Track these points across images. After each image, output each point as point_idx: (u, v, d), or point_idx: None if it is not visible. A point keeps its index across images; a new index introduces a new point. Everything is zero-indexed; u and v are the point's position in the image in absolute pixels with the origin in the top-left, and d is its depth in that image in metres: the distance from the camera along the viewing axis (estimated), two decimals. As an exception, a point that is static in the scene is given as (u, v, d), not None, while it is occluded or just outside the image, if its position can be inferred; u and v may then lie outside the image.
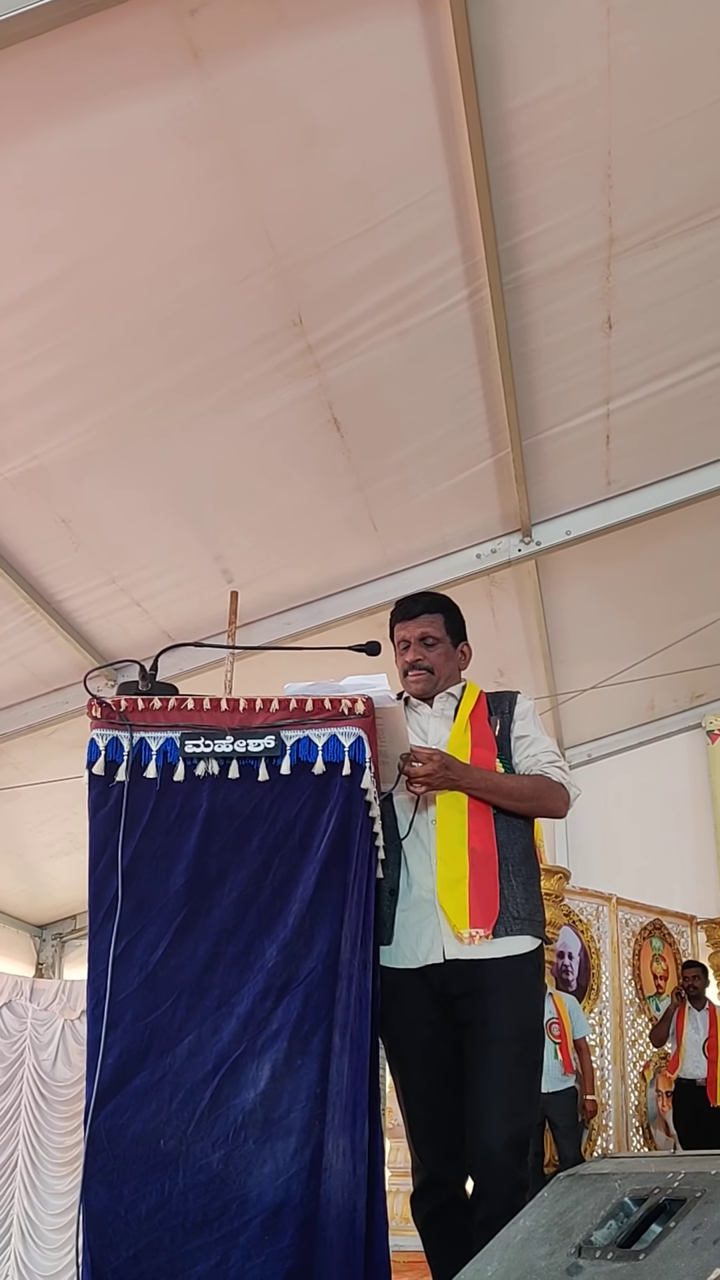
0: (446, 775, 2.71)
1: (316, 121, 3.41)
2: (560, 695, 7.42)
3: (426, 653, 2.96)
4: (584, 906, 7.68)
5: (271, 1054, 2.27)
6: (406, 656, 2.98)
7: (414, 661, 2.96)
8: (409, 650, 2.98)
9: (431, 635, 2.98)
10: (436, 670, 2.96)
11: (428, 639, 2.97)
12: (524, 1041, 2.65)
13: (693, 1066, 7.18)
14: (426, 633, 2.98)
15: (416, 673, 2.95)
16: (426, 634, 2.98)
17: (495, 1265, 1.81)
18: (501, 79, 3.42)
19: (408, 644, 2.98)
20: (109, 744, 2.48)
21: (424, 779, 2.70)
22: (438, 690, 2.97)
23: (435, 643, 2.98)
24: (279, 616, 5.75)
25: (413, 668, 2.96)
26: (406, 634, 2.99)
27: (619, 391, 4.91)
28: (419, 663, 2.95)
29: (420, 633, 2.98)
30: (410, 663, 2.96)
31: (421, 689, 2.96)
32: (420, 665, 2.95)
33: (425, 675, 2.95)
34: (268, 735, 2.45)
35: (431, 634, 2.98)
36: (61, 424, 4.27)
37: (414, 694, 2.98)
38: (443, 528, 5.55)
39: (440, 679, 2.97)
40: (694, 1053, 7.21)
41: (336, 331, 4.13)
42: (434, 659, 2.96)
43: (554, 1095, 6.32)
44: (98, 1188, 2.25)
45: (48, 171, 3.36)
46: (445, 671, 2.98)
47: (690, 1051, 7.22)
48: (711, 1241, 1.52)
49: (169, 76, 3.18)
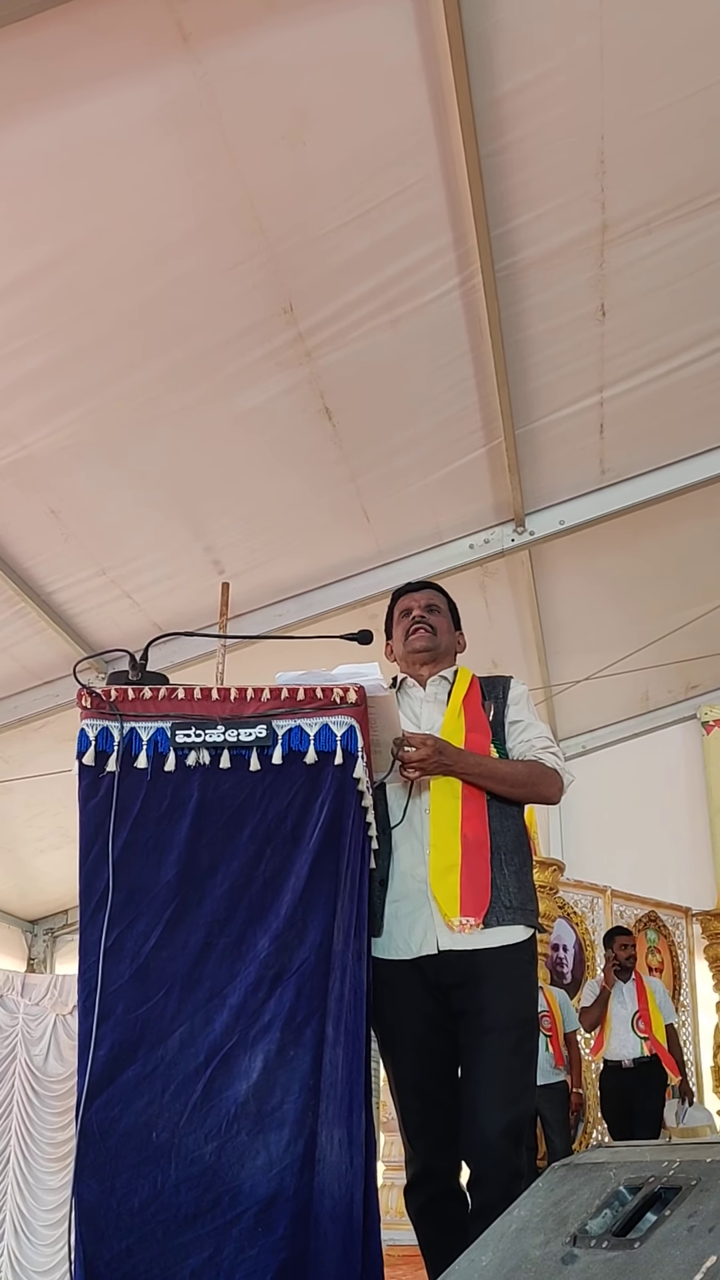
0: (440, 760, 2.70)
1: (307, 106, 3.39)
2: (554, 686, 7.41)
3: (430, 615, 3.03)
4: (579, 899, 7.68)
5: (264, 1045, 2.25)
6: (411, 615, 3.02)
7: (419, 618, 3.00)
8: (413, 613, 3.02)
9: (436, 605, 3.07)
10: (439, 632, 3.00)
11: (432, 606, 3.06)
12: (519, 1030, 2.64)
13: (619, 1046, 6.47)
14: (431, 602, 3.07)
15: (419, 627, 2.97)
16: (431, 603, 3.07)
17: (490, 1255, 1.79)
18: (493, 63, 3.40)
19: (410, 610, 3.04)
20: (99, 734, 2.46)
21: (418, 764, 2.68)
22: (437, 661, 2.97)
23: (439, 611, 3.06)
24: (271, 608, 5.74)
25: (417, 623, 2.99)
26: (411, 603, 3.06)
27: (612, 379, 4.89)
28: (424, 619, 3.00)
29: (426, 601, 3.06)
30: (416, 619, 3.00)
31: (425, 643, 2.97)
32: (424, 621, 3.00)
33: (428, 631, 2.99)
34: (259, 725, 2.43)
35: (436, 604, 3.07)
36: (51, 414, 4.25)
37: (417, 647, 2.97)
38: (435, 518, 5.54)
39: (441, 643, 2.99)
40: (620, 1030, 6.49)
41: (327, 319, 4.11)
42: (437, 621, 3.03)
43: (545, 1089, 6.30)
44: (90, 1181, 2.24)
45: (34, 158, 3.33)
46: (446, 642, 3.02)
47: (616, 1029, 6.50)
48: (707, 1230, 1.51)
49: (158, 60, 3.15)
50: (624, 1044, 6.45)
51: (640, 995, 6.54)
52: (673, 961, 8.00)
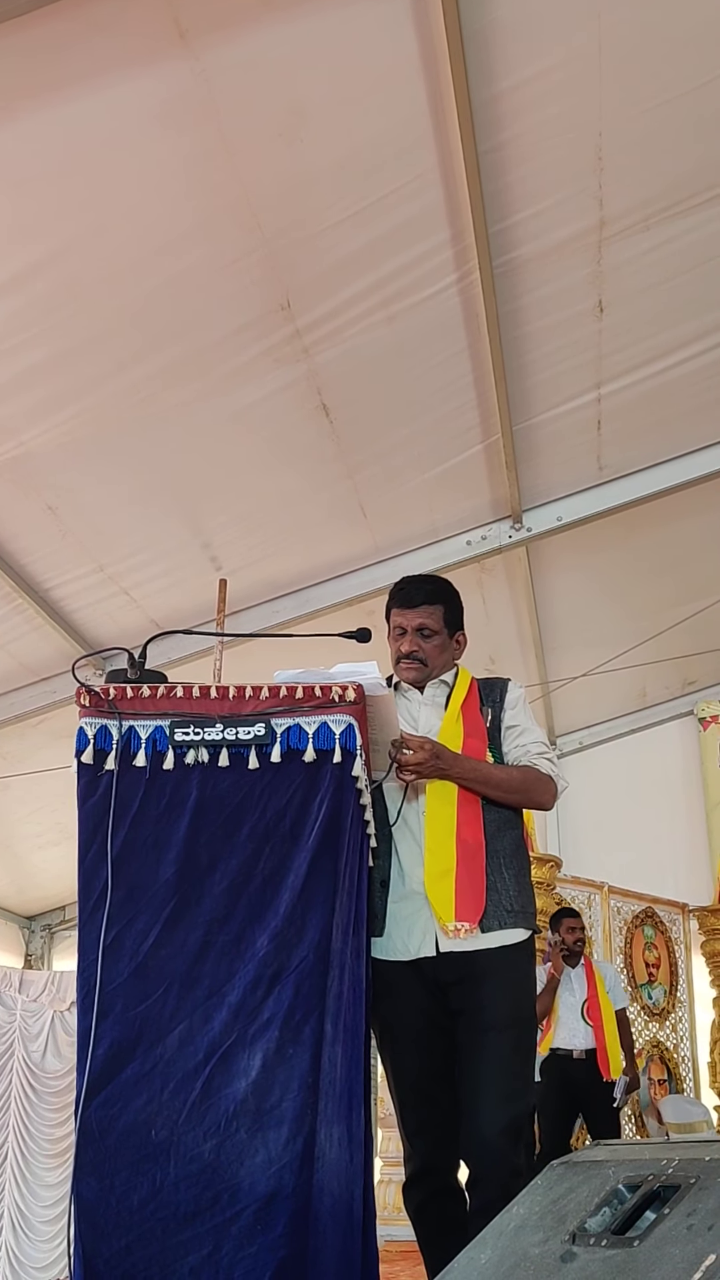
0: (436, 764, 2.70)
1: (304, 103, 3.38)
2: (551, 683, 7.41)
3: (422, 644, 2.93)
4: (576, 895, 7.68)
5: (263, 1043, 2.26)
6: (401, 645, 2.95)
7: (408, 652, 2.93)
8: (404, 638, 2.95)
9: (429, 628, 2.94)
10: (430, 662, 2.94)
11: (424, 630, 2.94)
12: (518, 1028, 2.65)
13: (568, 1035, 6.11)
14: (424, 624, 2.94)
15: (409, 663, 2.93)
16: (424, 625, 2.94)
17: (489, 1253, 1.80)
18: (491, 60, 3.39)
19: (404, 631, 2.96)
20: (98, 732, 2.46)
21: (414, 767, 2.68)
22: (429, 679, 2.96)
23: (432, 635, 2.94)
24: (268, 604, 5.73)
25: (406, 658, 2.93)
26: (404, 622, 2.96)
27: (610, 376, 4.89)
28: (413, 654, 2.93)
29: (418, 623, 2.94)
30: (405, 653, 2.94)
31: (413, 679, 2.94)
32: (414, 656, 2.92)
33: (418, 666, 2.93)
34: (258, 723, 2.43)
35: (429, 626, 2.94)
36: (48, 410, 4.24)
37: (405, 681, 2.96)
38: (433, 514, 5.53)
39: (433, 669, 2.95)
40: (569, 1019, 6.14)
41: (325, 316, 4.10)
42: (428, 650, 2.93)
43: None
44: (89, 1179, 2.24)
45: (31, 154, 3.32)
46: (439, 663, 2.96)
47: (565, 1017, 6.14)
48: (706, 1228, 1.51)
49: (155, 57, 3.14)
50: (574, 1033, 6.11)
51: (590, 981, 6.25)
52: (670, 957, 8.01)
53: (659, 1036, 7.65)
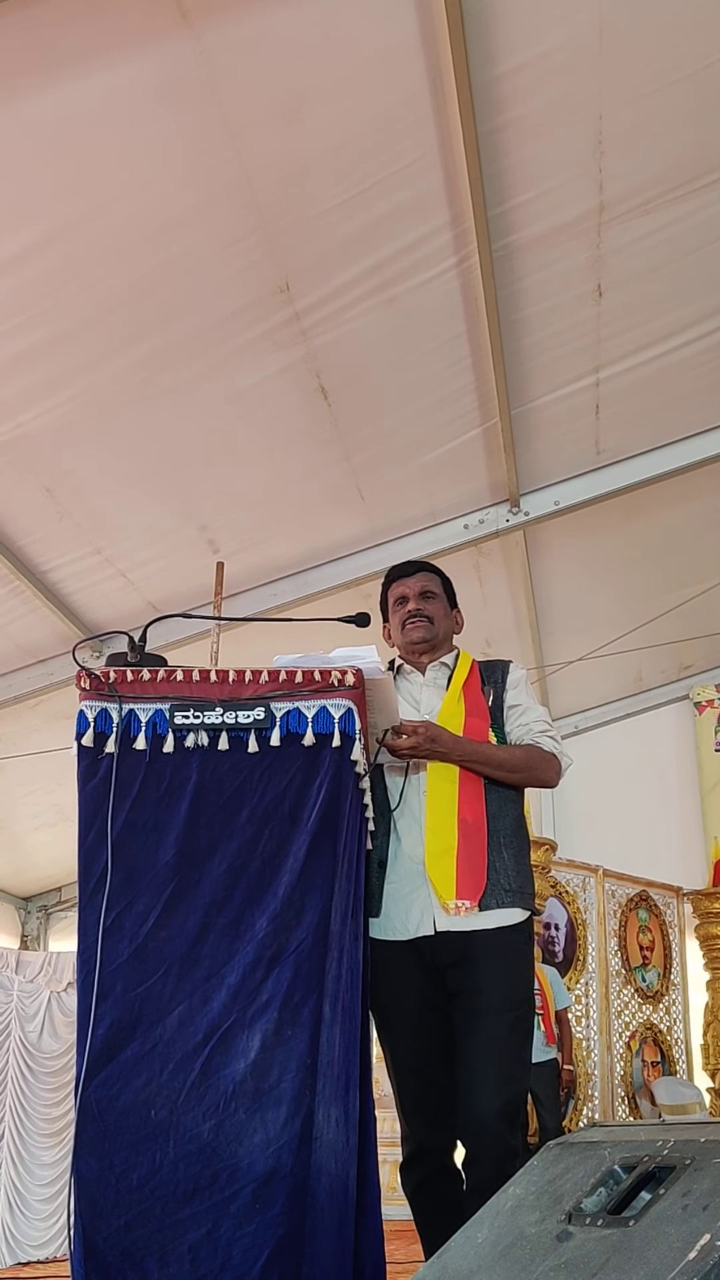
0: (433, 748, 2.71)
1: (304, 84, 3.36)
2: (548, 666, 7.42)
3: (426, 604, 3.01)
4: (571, 878, 7.72)
5: (262, 1024, 2.27)
6: (407, 607, 3.01)
7: (415, 610, 2.99)
8: (408, 603, 3.01)
9: (430, 590, 3.04)
10: (436, 621, 2.99)
11: (427, 592, 3.03)
12: (515, 1011, 2.66)
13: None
14: (426, 587, 3.04)
15: (415, 620, 2.97)
16: (426, 588, 3.04)
17: (485, 1232, 1.81)
18: (491, 42, 3.37)
19: (405, 599, 3.02)
20: (98, 715, 2.46)
21: (407, 751, 2.70)
22: (435, 649, 2.97)
23: (434, 597, 3.04)
24: (266, 587, 5.73)
25: (413, 616, 2.98)
26: (405, 589, 3.04)
27: (608, 360, 4.88)
28: (420, 611, 2.99)
29: (420, 587, 3.04)
30: (411, 611, 2.99)
31: (421, 636, 2.97)
32: (421, 614, 2.99)
33: (425, 623, 2.98)
34: (257, 707, 2.43)
35: (431, 589, 3.05)
36: (45, 392, 4.23)
37: (414, 641, 2.97)
38: (430, 498, 5.53)
39: (439, 632, 2.98)
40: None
41: (324, 299, 4.09)
42: (433, 610, 3.01)
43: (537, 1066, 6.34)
44: (89, 1158, 2.25)
45: (31, 134, 3.31)
46: (443, 627, 3.01)
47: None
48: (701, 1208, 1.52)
49: (155, 37, 3.12)
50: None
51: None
52: (663, 940, 8.06)
53: (653, 1019, 7.70)
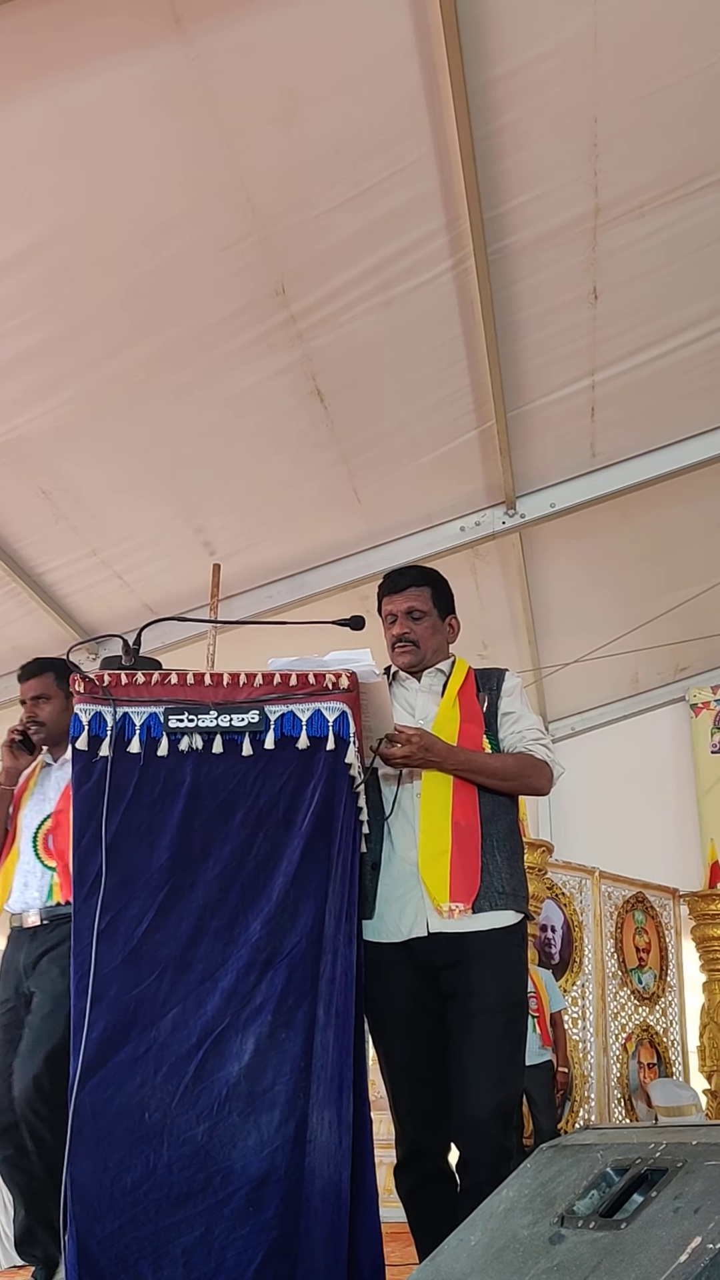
0: (426, 757, 2.72)
1: (299, 88, 3.36)
2: (544, 669, 7.42)
3: (413, 626, 2.97)
4: (567, 880, 7.71)
5: (256, 1028, 2.27)
6: (394, 630, 2.99)
7: (400, 635, 2.97)
8: (396, 624, 2.99)
9: (418, 609, 2.99)
10: (423, 644, 2.97)
11: (414, 612, 2.99)
12: (508, 1013, 2.66)
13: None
14: (413, 606, 2.99)
15: (402, 646, 2.97)
16: (413, 608, 2.99)
17: (479, 1235, 1.82)
18: (487, 45, 3.38)
19: (395, 617, 3.00)
20: (92, 719, 2.47)
21: (400, 761, 2.70)
22: (425, 664, 2.97)
23: (422, 616, 2.99)
24: (261, 589, 5.73)
25: (399, 641, 2.96)
26: (394, 607, 3.01)
27: (604, 363, 4.89)
28: (405, 636, 2.96)
29: (407, 606, 2.99)
30: (397, 636, 2.97)
31: (408, 662, 2.96)
32: (406, 639, 2.96)
33: (411, 649, 2.96)
34: (251, 710, 2.44)
35: (418, 607, 2.99)
36: (41, 394, 4.23)
37: (401, 667, 2.98)
38: (426, 500, 5.53)
39: (427, 652, 2.97)
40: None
41: (320, 301, 4.10)
42: (420, 632, 2.98)
43: (532, 1068, 6.32)
44: (83, 1161, 2.26)
45: (25, 137, 3.31)
46: (432, 645, 2.99)
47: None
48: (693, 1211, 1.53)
49: (149, 41, 3.13)
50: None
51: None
52: (660, 942, 8.06)
53: (649, 1021, 7.70)
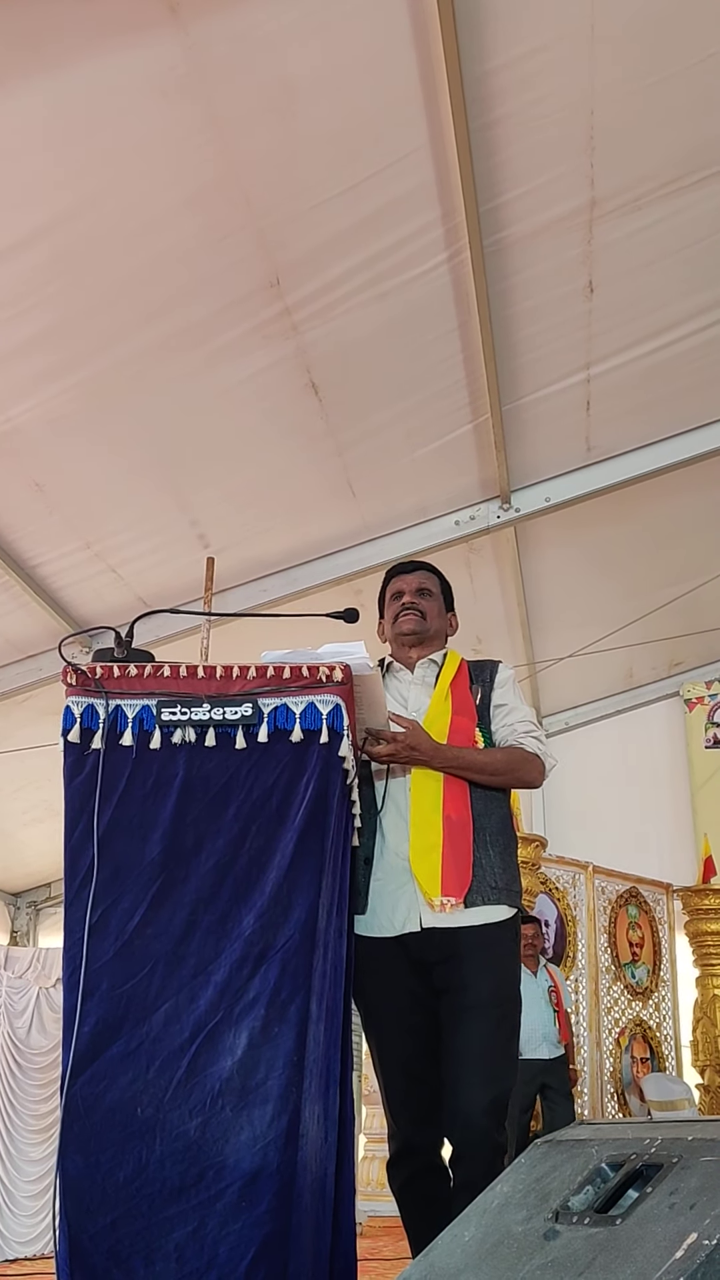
0: (413, 755, 2.70)
1: (296, 78, 3.35)
2: (538, 663, 7.42)
3: (421, 599, 3.02)
4: (561, 874, 7.71)
5: (249, 1022, 2.26)
6: (402, 600, 3.02)
7: (409, 603, 3.01)
8: (404, 596, 3.02)
9: (428, 588, 3.06)
10: (429, 616, 2.99)
11: (424, 590, 3.05)
12: (501, 1007, 2.65)
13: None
14: (424, 585, 3.06)
15: (409, 612, 2.98)
16: (424, 586, 3.06)
17: (472, 1230, 1.81)
18: (483, 37, 3.37)
19: (402, 593, 3.04)
20: (84, 711, 2.45)
21: (386, 759, 2.69)
22: (426, 640, 2.97)
23: (430, 595, 3.05)
24: (256, 583, 5.72)
25: (406, 608, 2.99)
26: (403, 585, 3.06)
27: (599, 356, 4.88)
28: (413, 604, 3.00)
29: (418, 585, 3.06)
30: (405, 604, 3.01)
31: (411, 628, 2.97)
32: (414, 607, 3.00)
33: (417, 616, 2.99)
34: (245, 703, 2.42)
35: (428, 587, 3.06)
36: (35, 386, 4.21)
37: (404, 632, 2.97)
38: (421, 493, 5.52)
39: (430, 628, 2.99)
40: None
41: (315, 293, 4.09)
42: (427, 605, 3.02)
43: (552, 1062, 6.32)
44: (75, 1155, 2.24)
45: (22, 126, 3.29)
46: (436, 626, 3.01)
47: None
48: (688, 1207, 1.52)
49: (146, 30, 3.11)
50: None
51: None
52: (653, 937, 8.06)
53: (642, 1015, 7.70)
